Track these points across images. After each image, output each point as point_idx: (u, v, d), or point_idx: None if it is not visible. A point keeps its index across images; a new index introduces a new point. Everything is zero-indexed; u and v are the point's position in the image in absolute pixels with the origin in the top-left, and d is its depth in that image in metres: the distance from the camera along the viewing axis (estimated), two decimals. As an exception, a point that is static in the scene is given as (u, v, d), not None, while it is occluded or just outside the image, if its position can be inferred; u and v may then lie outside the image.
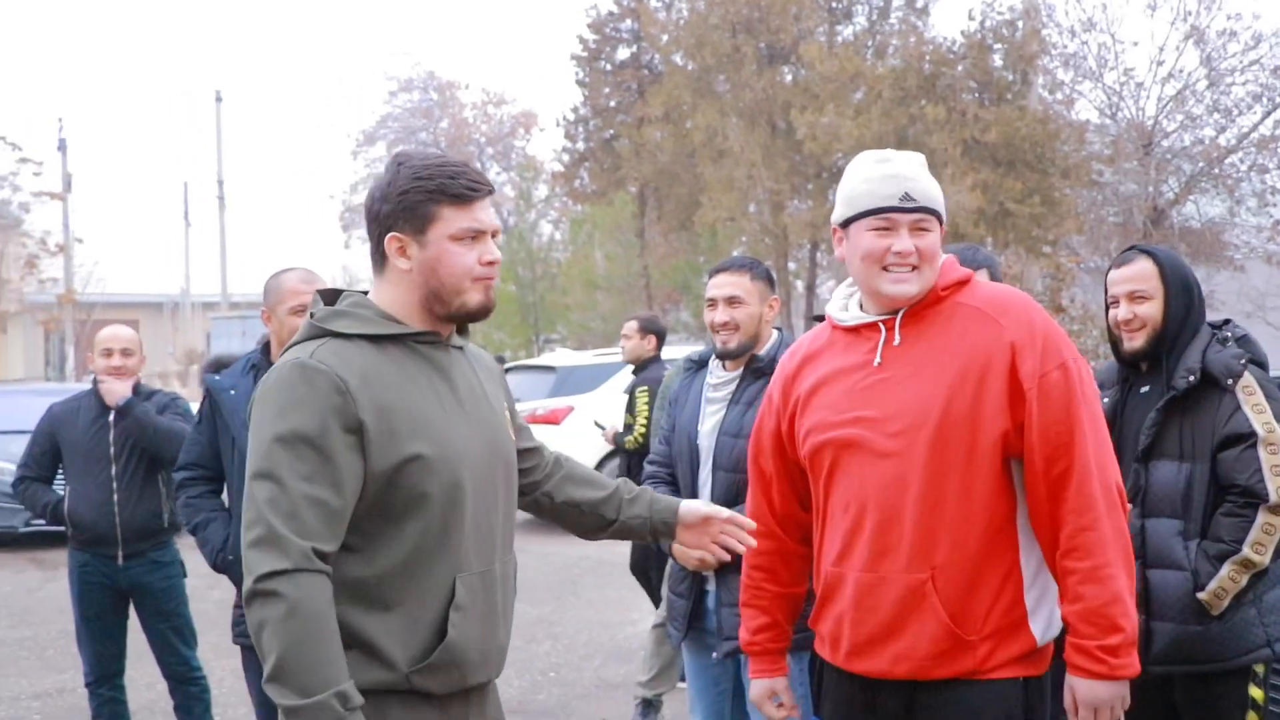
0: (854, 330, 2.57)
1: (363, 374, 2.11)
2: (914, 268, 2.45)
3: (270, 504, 2.03)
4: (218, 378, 4.01)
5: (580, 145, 31.50)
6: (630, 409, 6.58)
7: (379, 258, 2.22)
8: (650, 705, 5.55)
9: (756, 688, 2.82)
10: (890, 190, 2.45)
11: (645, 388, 6.52)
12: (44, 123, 76.83)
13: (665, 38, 26.86)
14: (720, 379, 3.70)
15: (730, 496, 3.48)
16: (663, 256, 27.08)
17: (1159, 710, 3.10)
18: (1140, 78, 20.72)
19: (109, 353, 4.93)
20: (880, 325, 2.52)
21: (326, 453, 2.05)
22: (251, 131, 71.76)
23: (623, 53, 31.03)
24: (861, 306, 2.59)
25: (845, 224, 2.52)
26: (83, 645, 4.99)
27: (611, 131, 30.47)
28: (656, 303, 28.35)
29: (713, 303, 3.63)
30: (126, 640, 5.02)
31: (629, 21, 30.28)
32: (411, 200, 2.16)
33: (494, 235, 2.24)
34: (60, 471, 5.09)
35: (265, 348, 3.96)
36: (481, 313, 2.24)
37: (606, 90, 30.69)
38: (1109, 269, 3.35)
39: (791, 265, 26.74)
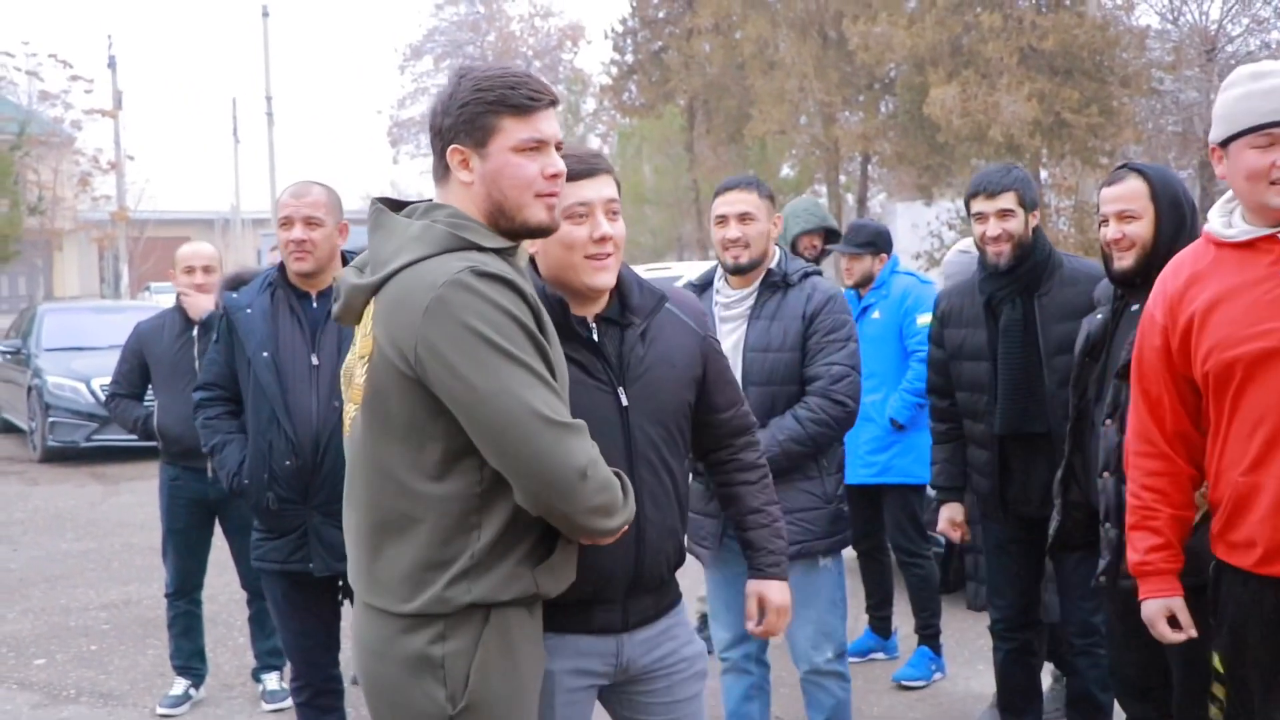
0: (1246, 245, 2.57)
1: (527, 285, 2.13)
2: None
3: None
4: (235, 295, 3.84)
5: (628, 58, 31.26)
6: None
7: (441, 170, 2.20)
8: (709, 620, 5.66)
9: (1152, 607, 2.80)
10: (1271, 105, 2.47)
11: None
12: (93, 40, 77.15)
13: (715, -54, 26.49)
14: (731, 297, 3.70)
15: (765, 409, 3.50)
16: (712, 170, 26.99)
17: (1138, 621, 3.09)
18: (1205, -19, 20.23)
19: (191, 269, 5.00)
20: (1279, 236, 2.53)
21: (544, 349, 2.09)
22: (299, 47, 71.79)
23: (671, -38, 30.77)
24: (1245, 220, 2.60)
25: (1224, 143, 2.55)
26: (167, 557, 5.08)
27: (660, 44, 30.25)
28: (705, 216, 28.32)
29: (723, 220, 3.62)
30: (209, 555, 5.13)
31: (678, -70, 29.94)
32: (472, 112, 2.13)
33: (558, 147, 2.20)
34: (150, 387, 5.19)
35: (283, 265, 3.73)
36: (543, 230, 2.21)
37: (655, 1, 30.38)
38: (1100, 187, 3.34)
39: (842, 178, 26.57)
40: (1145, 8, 21.44)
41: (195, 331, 4.98)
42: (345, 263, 3.50)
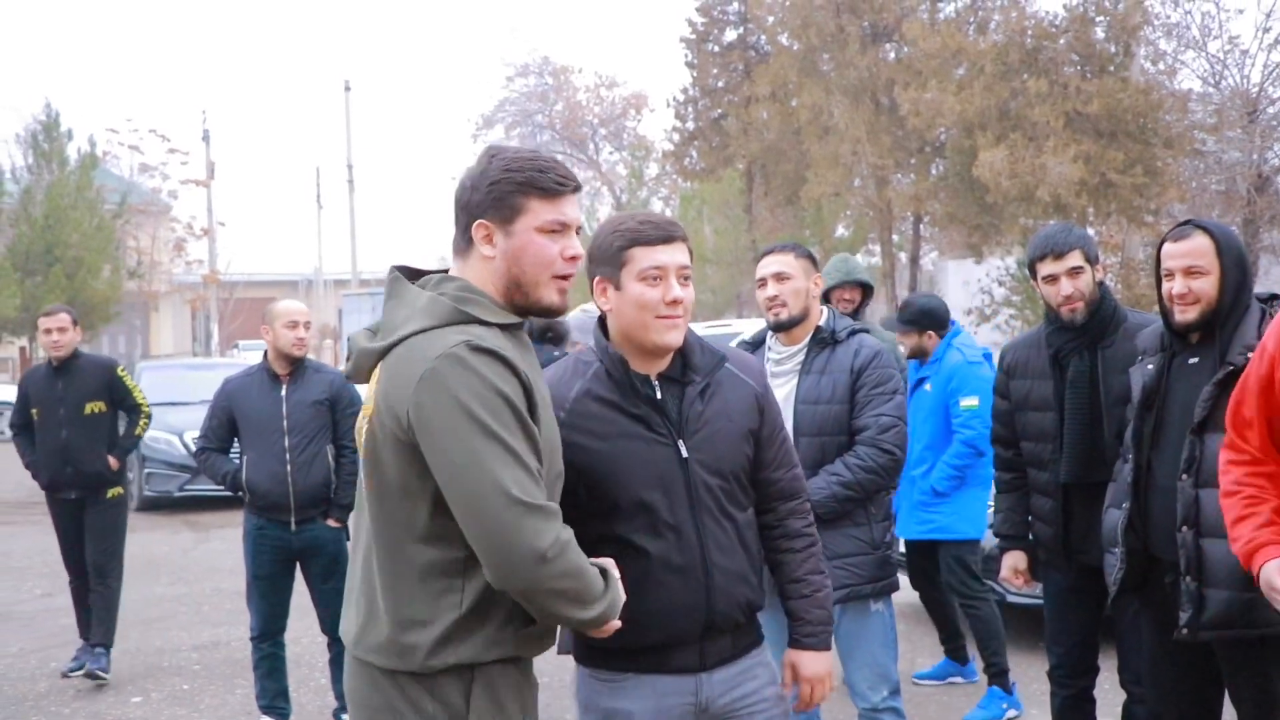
0: None
1: (523, 362, 2.15)
2: None
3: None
4: None
5: (689, 125, 31.98)
6: (117, 399, 6.42)
7: (464, 243, 2.22)
8: None
9: (1270, 569, 2.72)
10: None
11: (123, 368, 6.54)
12: (189, 115, 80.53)
13: (771, 19, 27.30)
14: (782, 353, 3.81)
15: (816, 459, 3.60)
16: (770, 231, 27.58)
17: (1202, 673, 3.22)
18: (1245, 45, 20.60)
19: (295, 324, 5.05)
20: None
21: (530, 429, 2.10)
22: (378, 118, 74.23)
23: (730, 34, 31.44)
24: None
25: None
26: (252, 602, 5.16)
27: (720, 111, 30.95)
28: (764, 276, 28.83)
29: (763, 281, 3.78)
30: (291, 600, 5.22)
31: (736, 4, 30.66)
32: (501, 190, 2.17)
33: (577, 231, 2.25)
34: (236, 441, 5.24)
35: None
36: (552, 312, 2.25)
37: (714, 71, 31.12)
38: (1162, 241, 3.27)
39: (895, 238, 27.04)
40: (1187, 72, 21.63)
41: (284, 391, 5.08)
42: None
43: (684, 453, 2.44)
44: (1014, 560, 4.06)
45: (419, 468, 2.07)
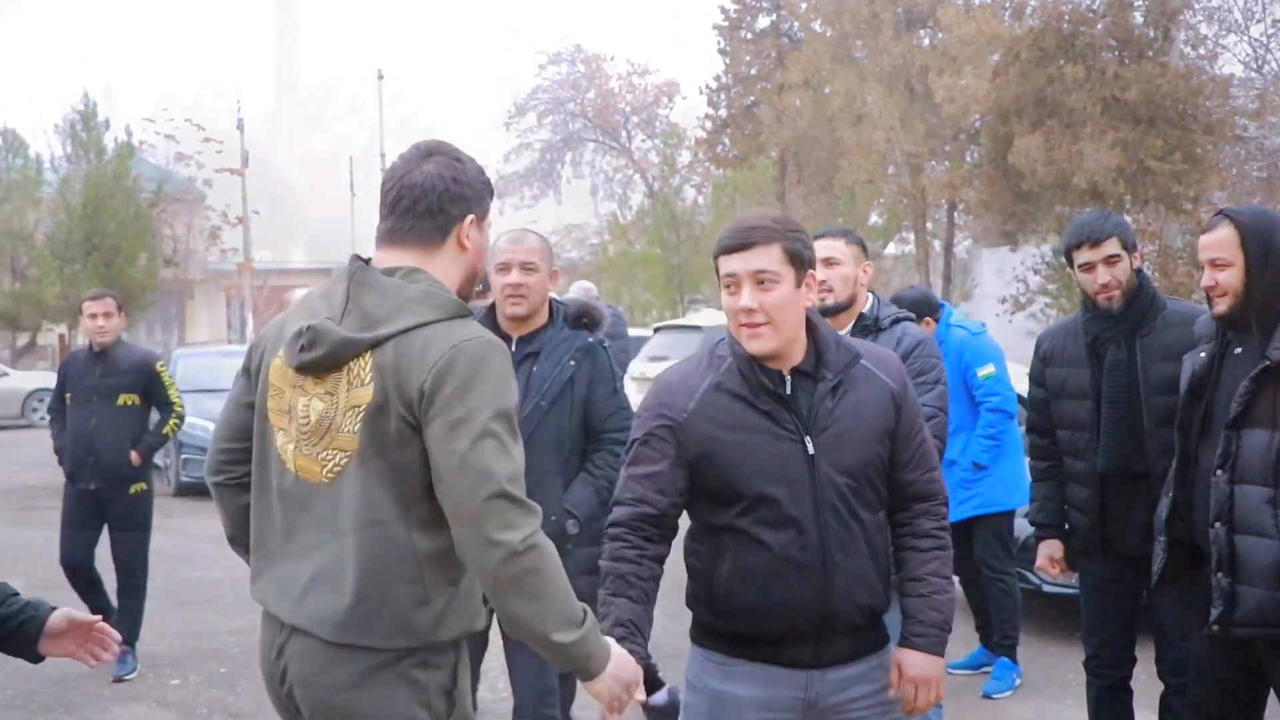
0: None
1: None
2: None
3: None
4: None
5: (722, 112, 32.09)
6: (156, 392, 6.30)
7: (438, 236, 2.26)
8: None
9: None
10: None
11: (162, 364, 6.44)
12: (224, 104, 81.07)
13: (804, 6, 27.39)
14: None
15: None
16: (803, 218, 27.07)
17: (1242, 669, 3.19)
18: (1289, 28, 20.32)
19: None
20: None
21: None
22: (411, 106, 74.46)
23: (763, 21, 31.47)
24: None
25: None
26: None
27: (752, 98, 31.03)
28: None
29: None
30: None
31: (768, -9, 30.81)
32: (485, 189, 2.34)
33: None
34: None
35: (492, 307, 3.86)
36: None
37: (747, 58, 31.21)
38: (1202, 233, 3.24)
39: (929, 226, 26.95)
40: (1228, 57, 21.39)
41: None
42: (552, 309, 3.79)
43: (810, 449, 2.46)
44: (1050, 549, 4.03)
45: (424, 452, 2.13)
